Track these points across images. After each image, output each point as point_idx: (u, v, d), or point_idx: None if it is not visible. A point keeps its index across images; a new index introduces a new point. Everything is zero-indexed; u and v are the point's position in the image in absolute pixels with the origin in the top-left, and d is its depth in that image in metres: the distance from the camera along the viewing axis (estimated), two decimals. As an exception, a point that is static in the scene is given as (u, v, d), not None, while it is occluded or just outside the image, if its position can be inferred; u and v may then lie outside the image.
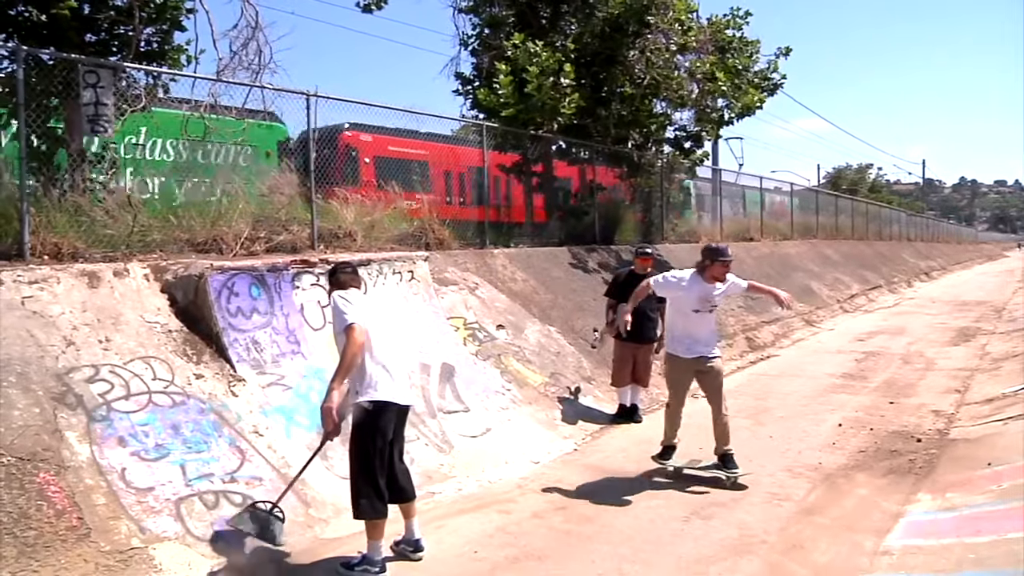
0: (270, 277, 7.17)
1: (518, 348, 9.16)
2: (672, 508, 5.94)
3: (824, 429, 8.16)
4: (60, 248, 6.76)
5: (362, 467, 4.77)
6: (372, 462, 4.76)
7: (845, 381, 10.74)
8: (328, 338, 7.22)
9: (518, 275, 10.94)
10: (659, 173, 17.09)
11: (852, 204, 35.46)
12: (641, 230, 16.34)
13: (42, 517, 4.46)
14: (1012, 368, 10.59)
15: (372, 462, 4.76)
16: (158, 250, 7.50)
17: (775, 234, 23.23)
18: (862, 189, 53.70)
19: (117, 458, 5.10)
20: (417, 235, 10.31)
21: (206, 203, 8.61)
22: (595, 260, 13.08)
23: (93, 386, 5.44)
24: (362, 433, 4.76)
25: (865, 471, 6.76)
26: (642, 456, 7.37)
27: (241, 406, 6.16)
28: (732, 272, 6.81)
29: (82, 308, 5.97)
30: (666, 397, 6.67)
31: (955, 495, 5.87)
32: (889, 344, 14.02)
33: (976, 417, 8.22)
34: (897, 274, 29.20)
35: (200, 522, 5.06)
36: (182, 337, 6.39)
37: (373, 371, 4.80)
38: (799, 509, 5.90)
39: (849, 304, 20.41)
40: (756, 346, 13.47)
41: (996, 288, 26.80)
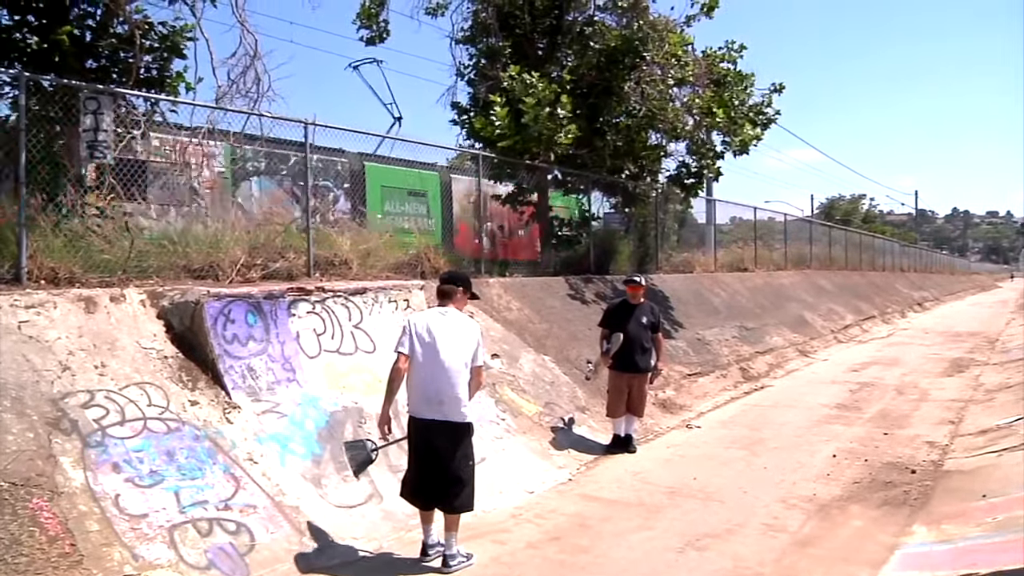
0: (266, 304, 7.18)
1: (513, 377, 9.16)
2: (667, 539, 5.91)
3: (819, 460, 8.16)
4: (57, 273, 6.76)
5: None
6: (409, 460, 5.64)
7: (839, 412, 10.74)
8: (323, 366, 7.26)
9: (513, 304, 10.97)
10: (654, 203, 17.20)
11: (846, 234, 35.69)
12: (636, 260, 16.40)
13: (34, 543, 4.43)
14: (1006, 399, 10.61)
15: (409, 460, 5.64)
16: (155, 276, 7.51)
17: (769, 264, 23.33)
18: (855, 219, 54.11)
19: (111, 484, 5.08)
20: (413, 264, 10.34)
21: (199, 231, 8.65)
22: (590, 290, 13.11)
23: (88, 411, 5.43)
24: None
25: (860, 502, 6.75)
26: (637, 486, 7.37)
27: (236, 433, 6.14)
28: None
29: (78, 333, 5.97)
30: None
31: (950, 527, 5.87)
32: (883, 375, 14.04)
33: (970, 448, 8.23)
34: (891, 304, 29.29)
35: (193, 549, 5.03)
36: (178, 363, 6.39)
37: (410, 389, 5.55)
38: (794, 540, 5.88)
39: (843, 334, 20.46)
40: (750, 376, 13.48)
41: (989, 319, 26.91)
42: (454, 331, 5.51)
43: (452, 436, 5.39)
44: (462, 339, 5.51)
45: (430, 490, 5.43)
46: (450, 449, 5.38)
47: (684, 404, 10.98)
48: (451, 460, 5.38)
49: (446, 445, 5.37)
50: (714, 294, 16.88)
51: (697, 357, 12.94)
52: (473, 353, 5.53)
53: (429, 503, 5.50)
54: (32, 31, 7.81)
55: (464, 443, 5.48)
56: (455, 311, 5.67)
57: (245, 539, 5.31)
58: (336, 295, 7.94)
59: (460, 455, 5.44)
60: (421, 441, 5.44)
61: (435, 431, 5.36)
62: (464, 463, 5.48)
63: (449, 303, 5.70)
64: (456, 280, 5.88)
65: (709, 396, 11.77)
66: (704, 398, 11.60)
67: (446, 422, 5.36)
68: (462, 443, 5.46)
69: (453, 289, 5.76)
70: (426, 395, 5.38)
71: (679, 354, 12.56)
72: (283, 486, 5.92)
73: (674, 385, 11.39)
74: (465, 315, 5.72)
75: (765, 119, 15.90)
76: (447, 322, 5.55)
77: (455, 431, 5.41)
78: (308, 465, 6.31)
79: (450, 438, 5.38)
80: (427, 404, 5.37)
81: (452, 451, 5.38)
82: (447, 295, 5.73)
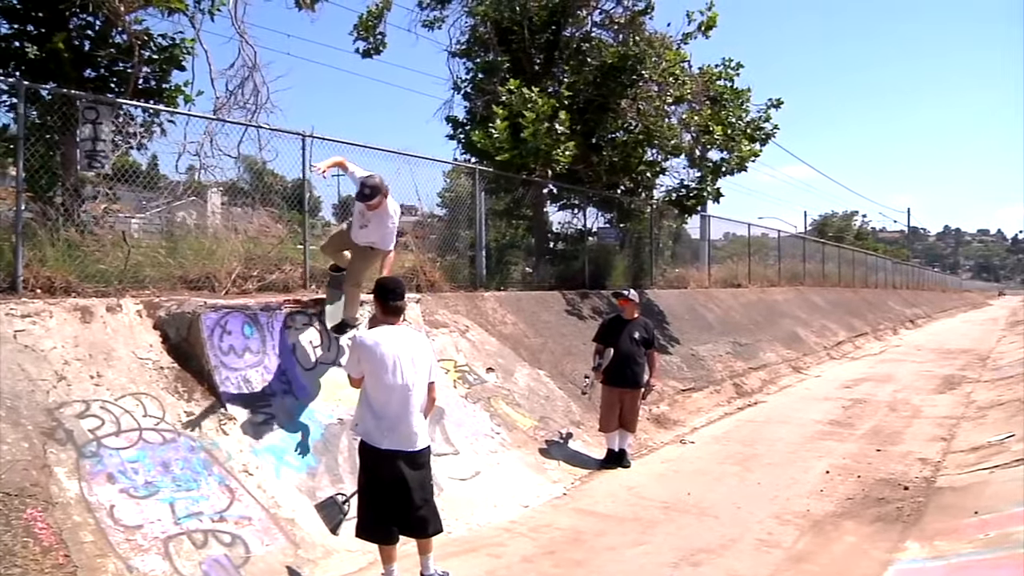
0: (263, 316, 7.19)
1: (508, 391, 9.17)
2: (661, 554, 5.92)
3: (812, 476, 8.18)
4: (53, 282, 6.76)
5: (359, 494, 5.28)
6: (361, 493, 5.24)
7: (832, 428, 10.77)
8: (319, 378, 7.26)
9: (508, 318, 10.99)
10: (649, 219, 17.27)
11: (839, 251, 35.83)
12: (631, 275, 16.44)
13: (28, 554, 4.41)
14: (997, 416, 10.66)
15: (361, 493, 5.24)
16: (151, 286, 7.51)
17: (763, 280, 23.41)
18: (848, 236, 54.32)
19: (106, 495, 5.07)
20: (408, 277, 10.35)
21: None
22: (585, 305, 13.15)
23: (83, 422, 5.42)
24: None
25: (853, 518, 6.77)
26: (631, 501, 7.38)
27: (231, 445, 6.13)
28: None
29: (74, 343, 5.97)
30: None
31: (943, 543, 5.89)
32: (876, 391, 14.09)
33: (962, 465, 8.26)
34: (883, 321, 29.41)
35: (188, 561, 5.01)
36: (174, 374, 6.38)
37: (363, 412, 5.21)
38: (788, 556, 5.90)
39: (836, 351, 20.53)
40: (744, 392, 13.51)
41: (980, 336, 27.03)
42: (412, 352, 5.16)
43: (417, 463, 5.11)
44: (421, 360, 5.19)
45: (397, 521, 5.10)
46: (416, 477, 5.08)
47: (678, 419, 10.99)
48: (420, 488, 5.11)
49: (412, 474, 5.05)
50: (708, 310, 16.94)
51: (691, 372, 12.97)
52: (429, 371, 5.27)
53: (394, 536, 5.13)
54: (31, 40, 7.83)
55: (427, 467, 5.24)
56: (406, 328, 5.42)
57: (240, 551, 5.30)
58: (332, 307, 7.93)
59: (426, 479, 5.23)
60: (383, 473, 5.04)
61: (400, 461, 5.01)
62: (430, 486, 5.31)
63: (398, 320, 5.33)
64: (404, 294, 5.44)
65: (703, 411, 11.78)
66: (698, 413, 11.62)
67: (412, 451, 5.07)
68: (426, 467, 5.22)
69: (404, 305, 5.46)
70: (387, 423, 5.03)
71: (673, 369, 12.59)
72: (278, 498, 5.91)
73: (668, 400, 11.41)
74: (413, 329, 5.47)
75: (764, 135, 16.02)
76: (403, 341, 5.17)
77: (420, 457, 5.14)
78: (303, 477, 6.30)
79: (416, 466, 5.10)
80: (388, 433, 5.02)
81: (419, 479, 5.11)
82: (398, 312, 5.33)
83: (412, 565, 5.30)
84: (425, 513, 5.16)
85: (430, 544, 5.27)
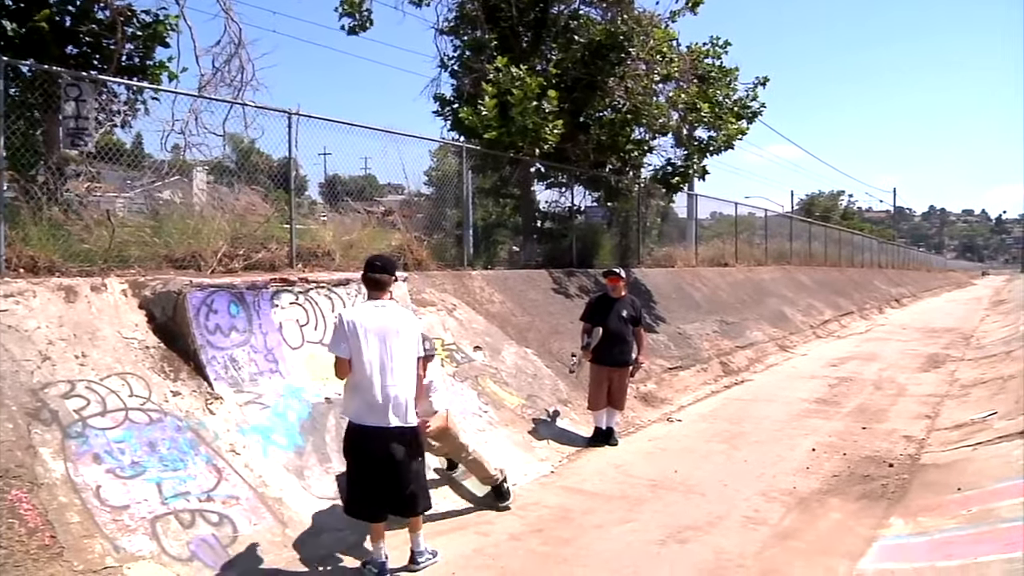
0: (249, 295, 7.14)
1: (495, 370, 9.17)
2: (649, 531, 5.95)
3: (798, 454, 8.24)
4: (36, 261, 6.68)
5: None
6: (349, 470, 5.26)
7: (818, 406, 10.85)
8: (306, 357, 7.23)
9: (496, 297, 10.97)
10: (636, 198, 17.26)
11: (825, 231, 35.96)
12: (618, 254, 16.45)
13: (13, 535, 4.38)
14: (980, 394, 10.76)
15: (349, 470, 5.26)
16: (136, 265, 7.44)
17: (750, 260, 23.48)
18: (835, 216, 54.54)
19: (92, 475, 5.04)
20: (395, 256, 10.29)
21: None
22: (573, 283, 13.14)
23: (68, 402, 5.37)
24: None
25: (839, 495, 6.83)
26: (619, 479, 7.41)
27: (218, 424, 6.10)
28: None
29: (58, 323, 5.91)
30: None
31: (926, 519, 5.95)
32: (861, 370, 14.19)
33: (946, 443, 8.34)
34: (869, 301, 29.59)
35: (176, 541, 5.00)
36: (159, 354, 6.34)
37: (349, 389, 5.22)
38: (774, 533, 5.95)
39: (822, 330, 20.64)
40: (731, 371, 13.57)
41: (964, 315, 27.25)
42: (398, 327, 5.08)
43: (406, 441, 5.07)
44: (407, 335, 5.11)
45: (386, 500, 5.08)
46: (406, 455, 5.05)
47: (665, 397, 11.04)
48: (408, 466, 5.09)
49: (401, 452, 5.02)
50: (695, 288, 16.97)
51: (678, 351, 13.01)
52: (416, 346, 5.18)
53: (383, 514, 5.13)
54: (10, 16, 7.68)
55: (416, 444, 5.19)
56: (392, 303, 5.28)
57: (228, 530, 5.29)
58: (319, 286, 7.90)
59: (415, 457, 5.17)
60: (371, 451, 5.01)
61: (388, 438, 4.99)
62: (420, 464, 5.27)
63: (383, 295, 5.20)
64: (390, 268, 5.30)
65: (690, 390, 11.84)
66: (685, 392, 11.67)
67: (400, 428, 5.02)
68: (415, 444, 5.17)
69: (388, 279, 5.25)
70: (375, 401, 4.96)
71: (660, 348, 12.63)
72: (266, 477, 5.90)
73: (655, 379, 11.45)
74: (400, 305, 5.34)
75: (751, 113, 16.01)
76: (389, 317, 5.09)
77: (408, 435, 5.10)
78: (291, 456, 6.29)
79: (405, 443, 5.06)
80: (376, 411, 4.96)
81: (408, 457, 5.07)
82: (382, 285, 5.18)
83: (401, 543, 5.33)
84: (414, 490, 5.17)
85: (419, 522, 5.29)
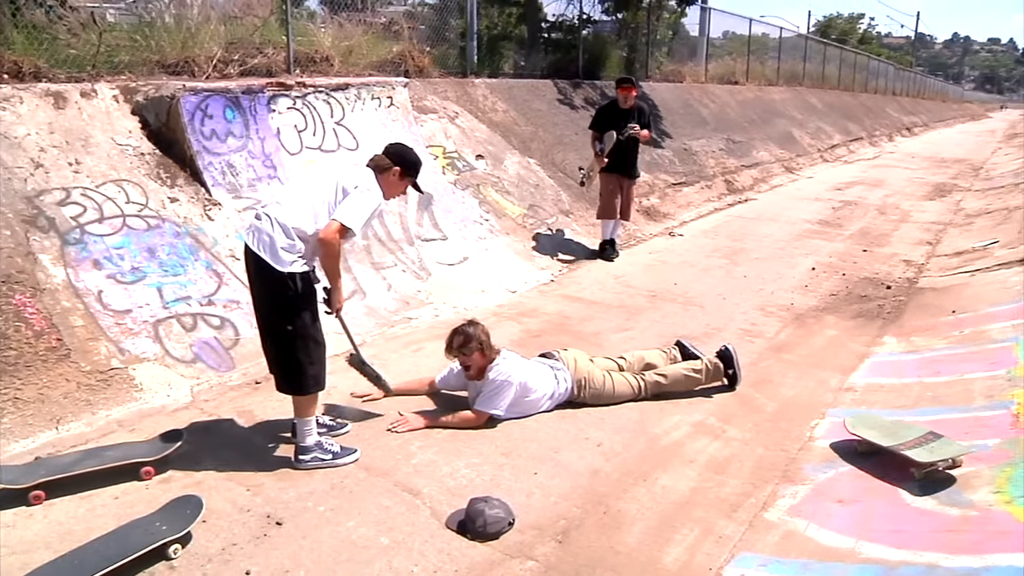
0: (245, 100, 6.87)
1: (497, 179, 9.02)
2: (646, 339, 6.01)
3: (798, 272, 8.27)
4: (21, 67, 6.27)
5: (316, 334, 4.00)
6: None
7: (821, 227, 10.80)
8: (304, 163, 7.06)
9: (499, 106, 10.62)
10: (647, 8, 16.40)
11: (840, 54, 34.52)
12: (625, 66, 15.83)
13: (21, 338, 4.41)
14: (984, 224, 10.70)
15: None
16: (127, 71, 7.07)
17: (761, 79, 22.69)
18: (852, 40, 52.24)
19: (93, 281, 5.01)
20: (396, 62, 9.85)
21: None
22: (578, 95, 12.70)
23: (65, 209, 5.26)
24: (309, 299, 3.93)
25: (835, 313, 6.89)
26: (618, 289, 7.46)
27: (217, 230, 6.03)
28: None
29: (49, 129, 5.67)
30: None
31: (919, 339, 6.04)
32: (866, 195, 14.05)
33: (945, 268, 8.36)
34: (879, 128, 28.94)
35: (179, 344, 5.04)
36: (155, 160, 6.15)
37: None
38: (770, 346, 6.04)
39: (829, 154, 20.30)
40: (735, 189, 13.44)
41: (976, 147, 26.74)
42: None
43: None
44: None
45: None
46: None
47: (668, 212, 10.97)
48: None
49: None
50: (703, 105, 16.48)
51: (683, 167, 12.80)
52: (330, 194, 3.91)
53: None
54: None
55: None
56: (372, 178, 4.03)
57: (230, 333, 5.33)
58: (317, 91, 7.61)
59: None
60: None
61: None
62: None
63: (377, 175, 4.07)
64: (395, 156, 4.14)
65: (693, 206, 11.75)
66: (687, 208, 11.59)
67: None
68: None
69: (383, 161, 4.11)
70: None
71: (664, 163, 12.41)
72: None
73: (658, 193, 11.33)
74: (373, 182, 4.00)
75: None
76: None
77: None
78: (290, 257, 6.25)
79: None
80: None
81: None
82: (377, 166, 4.08)
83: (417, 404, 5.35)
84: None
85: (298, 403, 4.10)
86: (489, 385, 4.50)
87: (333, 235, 3.71)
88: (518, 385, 4.52)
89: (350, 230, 3.75)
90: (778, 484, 3.94)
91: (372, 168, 4.06)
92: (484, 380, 4.55)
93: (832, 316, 6.81)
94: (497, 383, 4.48)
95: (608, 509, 3.68)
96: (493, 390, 4.49)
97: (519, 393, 4.54)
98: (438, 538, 3.41)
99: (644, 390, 4.91)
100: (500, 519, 3.46)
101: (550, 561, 3.28)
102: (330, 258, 3.82)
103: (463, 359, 4.53)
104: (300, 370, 3.91)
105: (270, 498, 3.68)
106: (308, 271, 3.84)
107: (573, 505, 3.70)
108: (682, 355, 5.27)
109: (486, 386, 4.52)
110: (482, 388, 4.55)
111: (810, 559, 3.27)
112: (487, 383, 4.52)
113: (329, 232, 3.71)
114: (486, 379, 4.53)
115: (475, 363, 4.53)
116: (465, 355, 4.50)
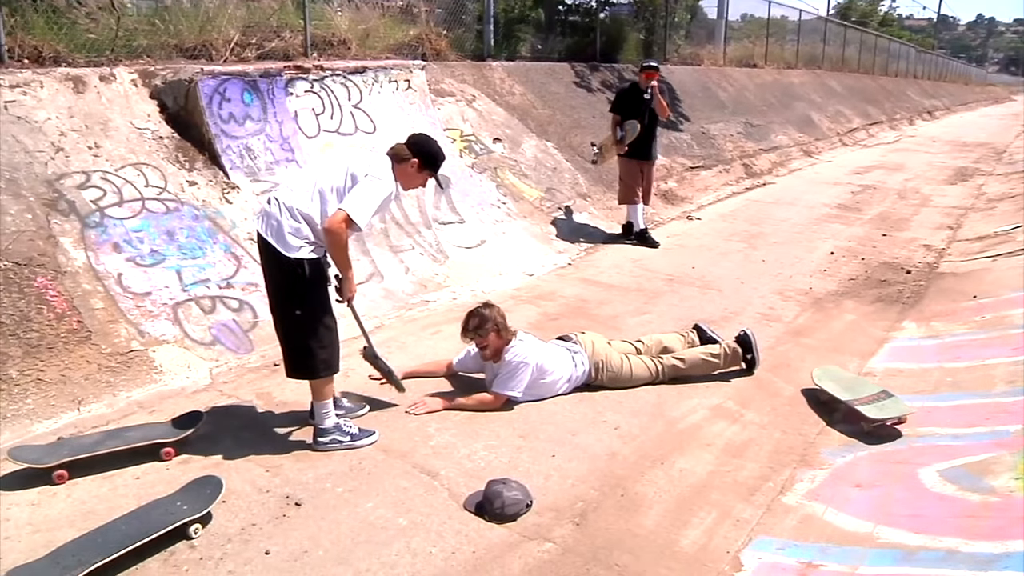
0: (263, 83, 6.90)
1: (514, 162, 9.00)
2: (664, 323, 6.00)
3: (816, 256, 8.21)
4: (40, 51, 6.32)
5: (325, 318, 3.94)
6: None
7: (840, 212, 10.71)
8: (322, 146, 7.07)
9: (516, 89, 10.58)
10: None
11: (861, 36, 34.07)
12: (643, 49, 15.71)
13: (43, 320, 4.46)
14: (1006, 208, 10.58)
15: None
16: (145, 55, 7.10)
17: (779, 62, 22.45)
18: (872, 22, 51.58)
19: (113, 264, 5.06)
20: (414, 45, 9.83)
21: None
22: (596, 78, 12.61)
23: (85, 192, 5.30)
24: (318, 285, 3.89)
25: (854, 298, 6.84)
26: (636, 272, 7.44)
27: (235, 213, 6.06)
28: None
29: (68, 114, 5.72)
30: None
31: (939, 324, 5.99)
32: (886, 179, 13.90)
33: (966, 253, 8.27)
34: (900, 111, 28.59)
35: (198, 326, 5.09)
36: (174, 144, 6.19)
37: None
38: (788, 330, 6.01)
39: (849, 138, 20.09)
40: (753, 173, 13.33)
41: (999, 131, 26.35)
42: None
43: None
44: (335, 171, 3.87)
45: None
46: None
47: (685, 196, 10.91)
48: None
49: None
50: (721, 88, 16.34)
51: (700, 150, 12.71)
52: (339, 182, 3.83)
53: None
54: None
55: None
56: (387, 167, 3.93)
57: (248, 316, 5.37)
58: (335, 74, 7.62)
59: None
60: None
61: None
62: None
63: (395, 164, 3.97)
64: (415, 148, 4.01)
65: (711, 189, 11.68)
66: (705, 191, 11.52)
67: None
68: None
69: (403, 152, 4.00)
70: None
71: (683, 147, 12.33)
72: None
73: (676, 177, 11.27)
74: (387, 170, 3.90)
75: None
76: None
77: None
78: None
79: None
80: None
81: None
82: (396, 155, 3.98)
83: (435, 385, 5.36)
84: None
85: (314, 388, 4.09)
86: (506, 367, 4.52)
87: (339, 225, 3.63)
88: (535, 367, 4.53)
89: (355, 223, 3.69)
90: (796, 468, 3.93)
91: (391, 156, 3.97)
92: (501, 362, 4.56)
93: (851, 301, 6.76)
94: (514, 364, 4.49)
95: (626, 492, 3.69)
96: (510, 371, 4.50)
97: (536, 375, 4.55)
98: (456, 519, 3.43)
99: (662, 373, 4.91)
100: (518, 501, 3.47)
101: (567, 543, 3.29)
102: (337, 248, 3.74)
103: (479, 341, 4.55)
104: (310, 354, 3.88)
105: (289, 479, 3.71)
106: (318, 258, 3.82)
107: (591, 487, 3.71)
108: (700, 339, 5.25)
109: (503, 368, 4.53)
110: (499, 370, 4.56)
111: (828, 543, 3.27)
112: (504, 364, 4.53)
113: (335, 222, 3.64)
114: (503, 360, 4.55)
115: (491, 344, 4.54)
116: (481, 336, 4.51)
